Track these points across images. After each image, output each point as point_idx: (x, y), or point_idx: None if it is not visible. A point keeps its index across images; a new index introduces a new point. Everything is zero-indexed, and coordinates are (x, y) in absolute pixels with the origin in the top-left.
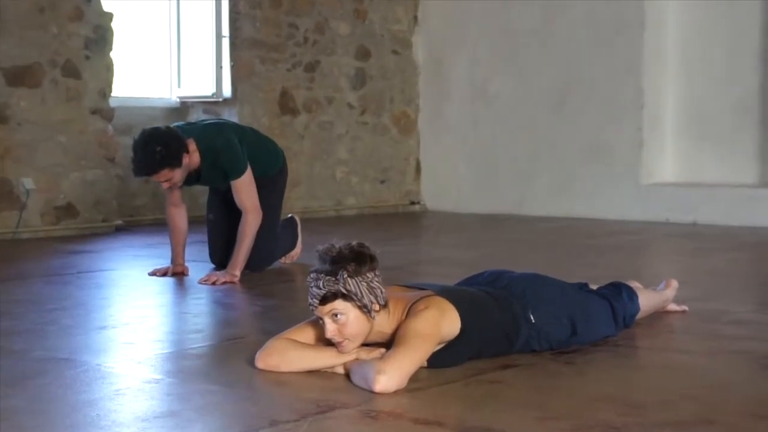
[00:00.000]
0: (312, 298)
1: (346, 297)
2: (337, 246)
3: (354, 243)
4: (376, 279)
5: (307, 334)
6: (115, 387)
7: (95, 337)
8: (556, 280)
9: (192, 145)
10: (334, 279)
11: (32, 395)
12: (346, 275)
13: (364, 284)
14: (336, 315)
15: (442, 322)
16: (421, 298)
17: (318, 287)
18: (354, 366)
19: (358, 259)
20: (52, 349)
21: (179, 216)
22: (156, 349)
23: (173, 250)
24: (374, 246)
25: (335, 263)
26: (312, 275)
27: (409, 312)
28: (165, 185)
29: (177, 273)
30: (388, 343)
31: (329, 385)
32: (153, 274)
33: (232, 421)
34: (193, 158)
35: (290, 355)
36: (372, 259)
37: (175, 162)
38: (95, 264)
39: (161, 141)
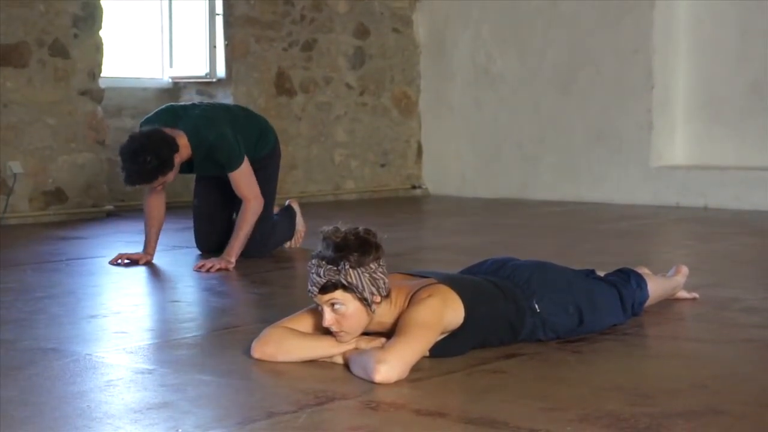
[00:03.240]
0: (311, 286)
1: (347, 288)
2: (342, 230)
3: (360, 229)
4: (380, 269)
5: (305, 323)
6: (107, 378)
7: (85, 327)
8: (561, 268)
9: (182, 140)
10: (335, 269)
11: (21, 386)
12: (348, 266)
13: (367, 275)
14: (335, 305)
15: (445, 311)
16: (424, 286)
17: (318, 275)
18: (353, 355)
19: (362, 249)
20: (40, 338)
21: (157, 203)
22: (148, 338)
23: (145, 238)
24: (378, 232)
25: (338, 251)
26: (313, 261)
27: (411, 300)
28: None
29: (140, 261)
30: (389, 333)
31: (328, 375)
32: (117, 260)
33: (227, 413)
34: (183, 154)
35: (287, 344)
36: (377, 248)
37: (167, 168)
38: (85, 251)
39: (151, 150)
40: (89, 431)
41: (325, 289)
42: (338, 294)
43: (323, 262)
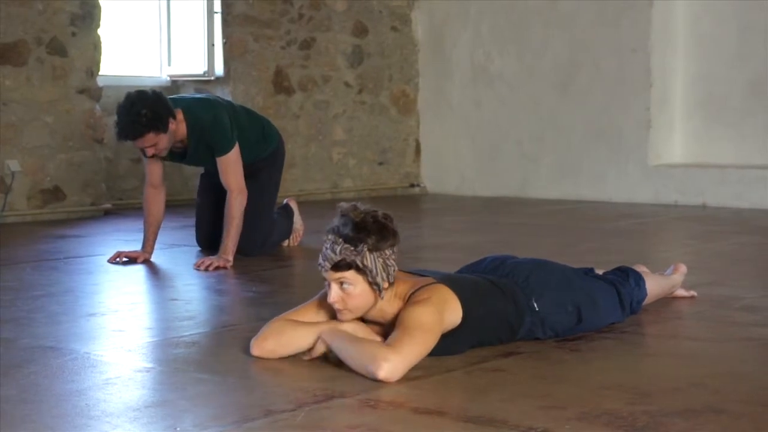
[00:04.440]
0: (323, 260)
1: (360, 270)
2: (361, 209)
3: (380, 213)
4: (393, 257)
5: (309, 316)
6: (105, 376)
7: (84, 325)
8: (560, 266)
9: (179, 115)
10: (352, 249)
11: (19, 385)
12: (365, 249)
13: (381, 261)
14: (343, 284)
15: (445, 313)
16: (424, 286)
17: (333, 252)
18: (347, 343)
19: (381, 233)
20: (39, 337)
21: (156, 200)
22: (146, 336)
23: (144, 236)
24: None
25: (358, 231)
26: (330, 236)
27: (411, 299)
28: (149, 151)
29: (138, 259)
30: (386, 325)
31: (326, 373)
32: (115, 258)
33: (225, 411)
34: (179, 128)
35: (286, 336)
36: (394, 234)
37: (161, 126)
38: (83, 249)
39: (147, 104)
40: (88, 429)
41: (338, 266)
42: (349, 274)
43: (340, 240)
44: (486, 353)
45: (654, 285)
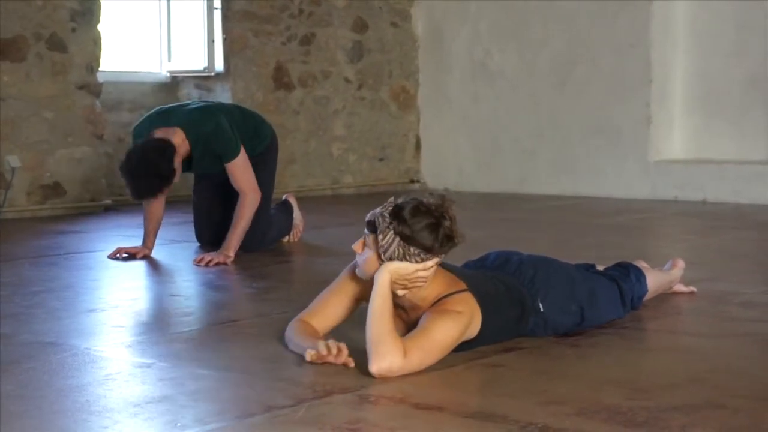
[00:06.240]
0: (370, 213)
1: (376, 241)
2: (438, 209)
3: (443, 231)
4: (419, 257)
5: (337, 302)
6: (105, 372)
7: (84, 321)
8: (565, 265)
9: (179, 137)
10: (383, 219)
11: (19, 380)
12: (392, 229)
13: (401, 250)
14: (365, 242)
15: (467, 331)
16: (459, 291)
17: (375, 211)
18: (377, 315)
19: (418, 237)
20: (38, 332)
21: (156, 199)
22: (146, 332)
23: (144, 232)
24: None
25: (400, 210)
26: (392, 199)
27: (445, 302)
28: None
29: (138, 255)
30: (412, 315)
31: (327, 369)
32: (115, 254)
33: (226, 407)
34: (182, 152)
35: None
36: (429, 249)
37: (171, 179)
38: (83, 245)
39: (151, 169)
40: (88, 425)
41: (368, 224)
42: (371, 238)
43: (389, 207)
44: (486, 349)
45: (653, 280)
